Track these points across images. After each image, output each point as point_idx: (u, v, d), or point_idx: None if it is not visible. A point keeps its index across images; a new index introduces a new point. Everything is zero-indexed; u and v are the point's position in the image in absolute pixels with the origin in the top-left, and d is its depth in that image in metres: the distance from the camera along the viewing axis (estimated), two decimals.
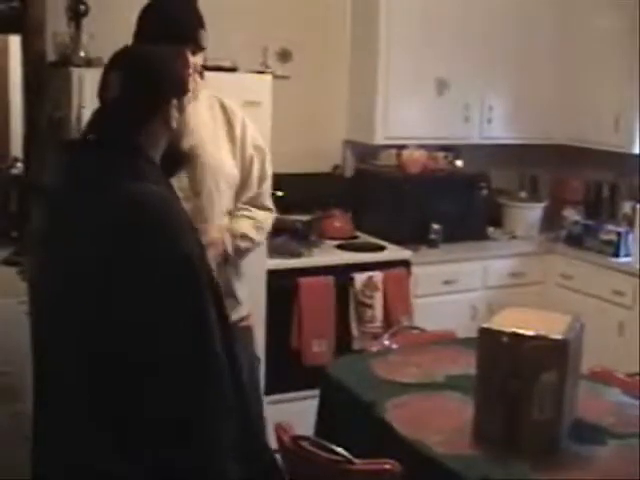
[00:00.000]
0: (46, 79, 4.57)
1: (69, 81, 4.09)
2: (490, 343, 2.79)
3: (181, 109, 2.49)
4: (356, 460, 2.73)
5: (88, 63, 4.20)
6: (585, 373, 3.46)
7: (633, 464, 2.74)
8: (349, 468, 2.72)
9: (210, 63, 4.48)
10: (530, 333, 2.73)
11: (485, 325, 2.83)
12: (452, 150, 5.99)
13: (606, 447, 2.87)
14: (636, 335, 5.33)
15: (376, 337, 4.47)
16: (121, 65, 2.46)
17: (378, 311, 5.05)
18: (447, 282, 5.48)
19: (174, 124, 2.47)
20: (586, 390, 3.22)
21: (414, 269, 5.30)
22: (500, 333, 2.75)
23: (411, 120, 5.63)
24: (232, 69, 4.54)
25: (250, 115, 4.14)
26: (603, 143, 5.95)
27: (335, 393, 3.37)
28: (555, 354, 2.72)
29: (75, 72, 4.09)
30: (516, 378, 2.74)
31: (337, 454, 2.76)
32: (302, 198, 5.43)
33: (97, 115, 2.49)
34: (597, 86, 5.95)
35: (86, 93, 4.03)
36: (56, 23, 4.55)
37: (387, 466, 2.69)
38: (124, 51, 2.52)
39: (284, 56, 5.53)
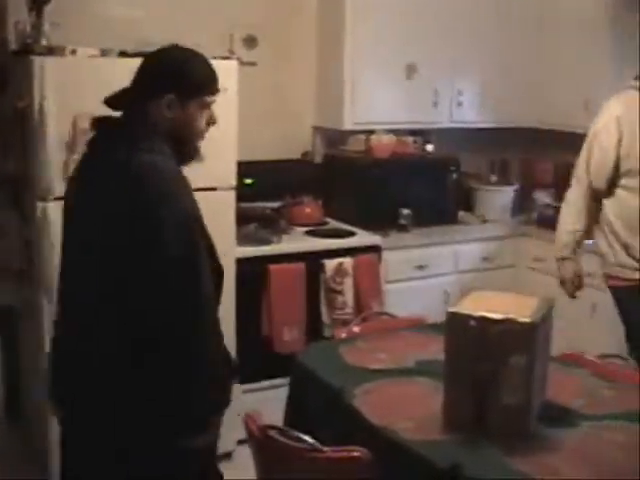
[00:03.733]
0: (10, 68, 4.52)
1: (31, 70, 4.03)
2: (458, 327, 2.76)
3: (184, 107, 2.75)
4: (325, 448, 2.70)
5: (50, 51, 4.13)
6: (556, 355, 3.46)
7: (604, 446, 2.74)
8: (318, 456, 2.70)
9: None
10: (498, 316, 2.70)
11: (452, 309, 2.80)
12: (422, 134, 5.97)
13: (576, 429, 2.87)
14: (608, 316, 5.33)
15: (347, 323, 4.43)
16: (146, 57, 2.84)
17: (349, 297, 5.03)
18: (418, 267, 5.46)
19: (167, 115, 2.73)
20: (557, 372, 3.21)
21: (385, 254, 5.28)
22: (468, 317, 2.73)
23: (380, 105, 5.60)
24: None
25: (217, 102, 4.09)
26: (573, 125, 5.92)
27: (305, 381, 3.35)
28: (523, 337, 2.70)
29: (37, 61, 4.02)
30: (485, 362, 2.72)
31: (306, 442, 2.73)
32: (271, 185, 5.40)
33: (118, 91, 2.81)
34: (566, 68, 5.94)
35: (48, 82, 3.98)
36: (18, 11, 4.49)
37: (356, 453, 2.67)
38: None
39: (250, 42, 5.49)
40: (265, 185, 5.33)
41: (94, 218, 2.67)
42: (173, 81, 2.76)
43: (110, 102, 2.82)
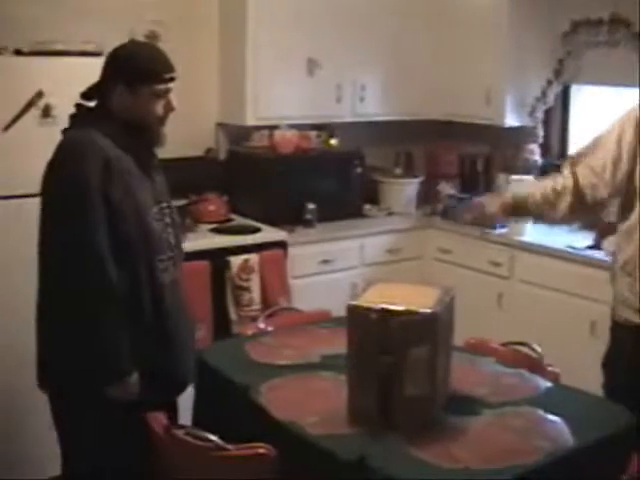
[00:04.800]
0: None
1: None
2: (359, 320, 2.76)
3: (135, 95, 3.05)
4: (229, 446, 2.69)
5: None
6: (461, 345, 3.49)
7: (505, 432, 2.78)
8: (222, 455, 2.68)
9: (74, 48, 4.39)
10: (398, 308, 2.71)
11: (353, 302, 2.81)
12: (326, 129, 5.97)
13: (480, 417, 2.90)
14: (514, 304, 5.41)
15: (255, 320, 4.42)
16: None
17: (256, 294, 5.01)
18: (325, 261, 5.47)
19: (121, 103, 3.06)
20: (461, 362, 3.26)
21: (291, 250, 5.28)
22: (368, 310, 2.73)
23: (283, 100, 5.58)
24: (97, 53, 4.40)
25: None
26: (475, 117, 6.02)
27: (211, 379, 3.33)
28: (424, 328, 2.71)
29: None
30: (387, 354, 2.72)
31: (210, 441, 2.71)
32: (176, 183, 5.28)
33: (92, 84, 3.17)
34: (468, 61, 6.01)
35: None
36: None
37: (261, 450, 2.65)
38: None
39: (152, 39, 5.40)
40: (168, 183, 5.25)
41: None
42: (121, 72, 3.07)
43: (85, 94, 3.15)
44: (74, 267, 2.91)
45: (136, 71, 3.07)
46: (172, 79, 3.14)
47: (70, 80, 3.14)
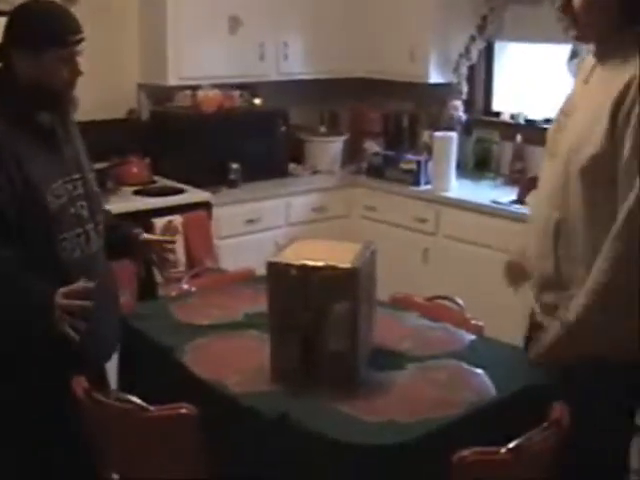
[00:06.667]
0: None
1: None
2: (279, 277, 2.74)
3: (38, 59, 2.83)
4: (151, 407, 2.66)
5: None
6: (386, 300, 3.49)
7: (430, 385, 2.79)
8: (144, 416, 2.66)
9: None
10: (318, 264, 2.70)
11: (272, 259, 2.79)
12: (249, 88, 5.92)
13: (404, 371, 2.89)
14: (440, 260, 5.45)
15: (180, 281, 4.39)
16: None
17: (181, 255, 4.96)
18: (250, 221, 5.46)
19: (23, 67, 2.85)
20: (386, 317, 3.26)
21: (216, 211, 5.26)
22: (288, 266, 2.71)
23: (205, 59, 5.52)
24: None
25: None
26: (400, 74, 6.03)
27: (135, 341, 3.28)
28: (345, 283, 2.70)
29: None
30: (308, 311, 2.71)
31: (132, 403, 2.69)
32: (97, 146, 5.22)
33: None
34: (392, 18, 6.00)
35: None
36: None
37: (183, 410, 2.63)
38: None
39: None
40: (89, 146, 5.19)
41: None
42: (22, 34, 2.85)
43: None
44: None
45: (38, 34, 2.84)
46: (79, 41, 2.91)
47: None
